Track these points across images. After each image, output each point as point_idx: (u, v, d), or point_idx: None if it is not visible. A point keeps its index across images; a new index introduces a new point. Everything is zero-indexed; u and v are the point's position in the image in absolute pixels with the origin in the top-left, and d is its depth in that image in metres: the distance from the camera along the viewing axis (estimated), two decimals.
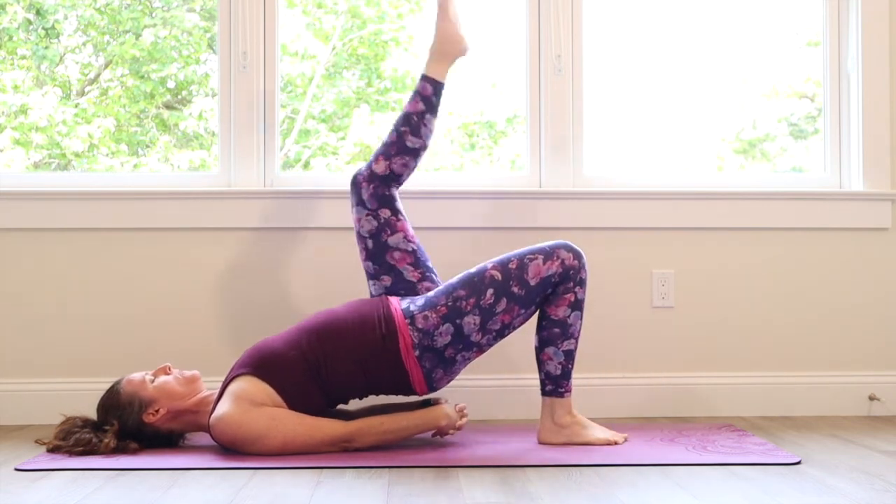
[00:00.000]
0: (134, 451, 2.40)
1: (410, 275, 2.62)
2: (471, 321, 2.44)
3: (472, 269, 2.50)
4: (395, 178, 2.66)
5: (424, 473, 2.19)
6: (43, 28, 3.59)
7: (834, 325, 3.12)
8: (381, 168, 2.64)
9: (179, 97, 3.82)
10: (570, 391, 2.54)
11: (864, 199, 3.12)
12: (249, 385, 2.40)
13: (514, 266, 2.47)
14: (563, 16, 3.12)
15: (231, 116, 3.10)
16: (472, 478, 2.14)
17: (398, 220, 2.65)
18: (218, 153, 3.15)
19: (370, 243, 2.64)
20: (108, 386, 2.54)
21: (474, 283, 2.46)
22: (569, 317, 2.49)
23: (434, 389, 2.52)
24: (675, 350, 3.09)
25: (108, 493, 2.02)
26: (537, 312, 2.54)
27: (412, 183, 3.20)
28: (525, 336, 2.77)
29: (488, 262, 2.50)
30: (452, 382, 2.89)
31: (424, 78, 2.70)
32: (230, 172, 3.10)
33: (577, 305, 2.50)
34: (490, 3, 3.39)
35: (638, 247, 3.10)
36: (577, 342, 2.52)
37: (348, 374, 2.45)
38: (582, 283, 2.50)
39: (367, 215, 2.64)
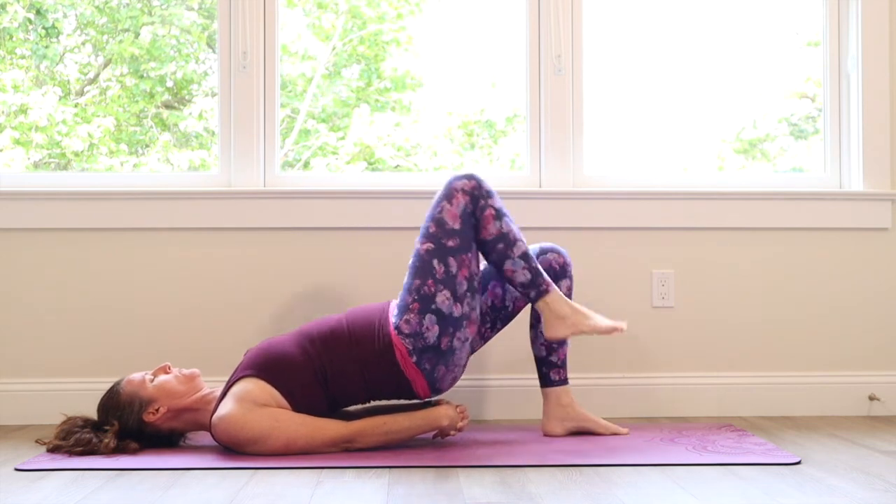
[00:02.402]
0: (134, 451, 2.40)
1: None
2: (442, 298, 2.44)
3: (411, 259, 2.51)
4: None
5: (424, 473, 2.19)
6: (43, 27, 3.58)
7: (834, 325, 3.12)
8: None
9: (179, 97, 3.82)
10: (550, 285, 2.53)
11: (864, 199, 3.12)
12: (254, 386, 2.40)
13: (433, 228, 2.48)
14: (563, 16, 3.12)
15: (231, 116, 3.10)
16: (472, 478, 2.14)
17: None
18: (218, 153, 3.15)
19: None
20: (108, 386, 2.54)
21: (420, 267, 2.47)
22: (501, 227, 2.50)
23: (438, 391, 2.51)
24: (675, 350, 3.09)
25: (108, 493, 2.02)
26: (480, 253, 2.54)
27: (412, 182, 3.21)
28: (525, 336, 2.77)
29: (416, 242, 2.52)
30: None
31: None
32: (230, 172, 3.10)
33: (500, 214, 2.50)
34: (490, 2, 3.39)
35: (638, 247, 3.10)
36: (524, 243, 2.52)
37: (352, 381, 2.46)
38: (489, 194, 2.51)
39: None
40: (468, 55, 3.46)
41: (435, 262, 2.46)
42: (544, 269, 2.63)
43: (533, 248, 2.67)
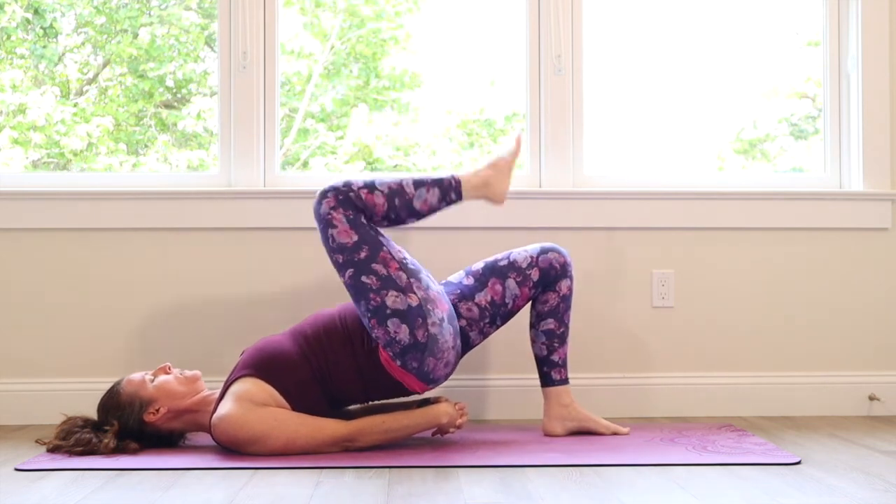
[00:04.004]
0: (134, 451, 2.40)
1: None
2: (392, 300, 2.42)
3: (349, 293, 2.50)
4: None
5: (424, 473, 2.18)
6: (41, 27, 3.58)
7: (834, 325, 3.12)
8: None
9: (178, 96, 3.82)
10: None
11: (864, 199, 3.12)
12: (253, 386, 2.40)
13: (341, 257, 2.47)
14: (563, 16, 3.12)
15: (231, 116, 3.09)
16: (472, 478, 2.14)
17: None
18: (217, 153, 3.15)
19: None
20: (108, 386, 2.55)
21: (357, 292, 2.46)
22: (385, 201, 2.50)
23: (435, 381, 2.51)
24: (675, 350, 3.09)
25: (108, 493, 2.02)
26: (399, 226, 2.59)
27: None
28: (525, 336, 2.77)
29: (340, 279, 2.51)
30: (454, 382, 2.90)
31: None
32: (230, 172, 3.10)
33: (372, 188, 2.50)
34: (490, 2, 3.38)
35: (638, 247, 3.10)
36: (404, 181, 2.53)
37: (349, 379, 2.47)
38: (348, 185, 2.49)
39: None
40: (467, 53, 3.46)
41: (363, 278, 2.45)
42: (545, 269, 2.62)
43: (533, 248, 2.66)
